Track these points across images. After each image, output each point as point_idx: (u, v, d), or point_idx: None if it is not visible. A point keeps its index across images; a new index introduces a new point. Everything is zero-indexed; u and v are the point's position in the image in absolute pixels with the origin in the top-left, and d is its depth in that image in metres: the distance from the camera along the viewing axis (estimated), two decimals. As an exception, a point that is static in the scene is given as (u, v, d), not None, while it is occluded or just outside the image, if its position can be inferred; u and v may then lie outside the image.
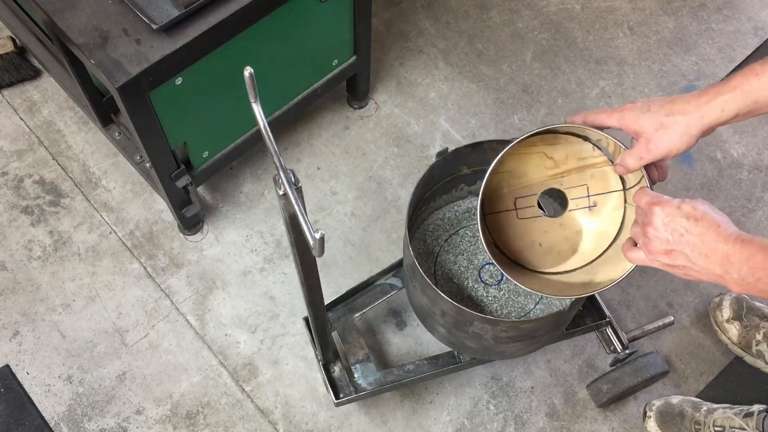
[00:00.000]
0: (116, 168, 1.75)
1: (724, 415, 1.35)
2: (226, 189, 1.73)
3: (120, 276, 1.62)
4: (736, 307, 1.51)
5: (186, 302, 1.59)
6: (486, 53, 1.95)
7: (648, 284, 1.62)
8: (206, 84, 1.30)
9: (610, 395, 1.41)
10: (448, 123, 1.82)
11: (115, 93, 1.14)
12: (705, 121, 0.87)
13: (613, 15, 2.03)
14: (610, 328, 1.41)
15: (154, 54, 1.14)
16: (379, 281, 1.44)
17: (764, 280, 0.78)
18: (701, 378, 1.52)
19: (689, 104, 0.87)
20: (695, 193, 1.73)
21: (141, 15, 1.15)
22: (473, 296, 1.32)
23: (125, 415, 1.47)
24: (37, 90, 1.86)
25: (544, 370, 1.53)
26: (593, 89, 1.90)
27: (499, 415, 1.48)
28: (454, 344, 1.29)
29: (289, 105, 1.57)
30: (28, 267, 1.62)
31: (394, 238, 1.67)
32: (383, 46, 1.95)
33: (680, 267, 0.85)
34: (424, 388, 1.50)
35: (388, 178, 1.75)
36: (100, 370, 1.51)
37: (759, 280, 0.78)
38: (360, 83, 1.74)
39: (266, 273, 1.62)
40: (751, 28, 2.00)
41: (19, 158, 1.76)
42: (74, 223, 1.68)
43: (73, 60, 1.37)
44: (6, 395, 1.48)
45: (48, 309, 1.58)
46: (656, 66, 1.94)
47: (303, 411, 1.48)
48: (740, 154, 1.80)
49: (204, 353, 1.53)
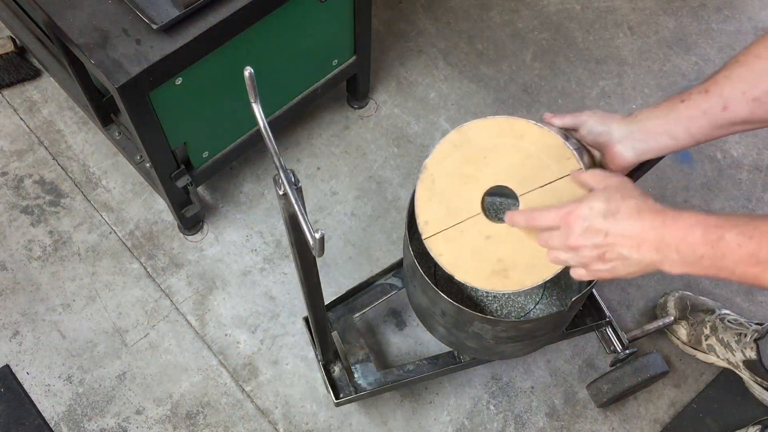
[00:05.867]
0: (116, 168, 1.75)
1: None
2: (226, 189, 1.73)
3: (120, 276, 1.62)
4: (681, 306, 1.50)
5: (186, 302, 1.59)
6: (486, 53, 1.95)
7: (648, 284, 1.62)
8: (206, 84, 1.30)
9: (610, 395, 1.41)
10: (448, 123, 1.82)
11: (115, 93, 1.14)
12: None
13: (613, 15, 2.03)
14: (610, 328, 1.41)
15: (154, 54, 1.14)
16: (379, 281, 1.44)
17: (709, 256, 0.72)
18: (701, 378, 1.52)
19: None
20: (695, 193, 1.73)
21: (141, 15, 1.15)
22: (473, 296, 1.32)
23: (125, 415, 1.47)
24: (37, 90, 1.86)
25: (544, 370, 1.53)
26: (593, 89, 1.90)
27: (499, 415, 1.48)
28: (454, 344, 1.29)
29: (289, 105, 1.57)
30: (28, 267, 1.62)
31: (394, 238, 1.67)
32: (383, 46, 1.95)
33: (619, 268, 0.81)
34: (424, 388, 1.50)
35: (388, 178, 1.75)
36: (100, 370, 1.51)
37: (703, 258, 0.73)
38: (360, 83, 1.74)
39: (266, 273, 1.62)
40: (751, 28, 2.00)
41: (19, 158, 1.76)
42: (74, 223, 1.68)
43: (73, 60, 1.37)
44: (6, 395, 1.48)
45: (48, 309, 1.58)
46: (656, 66, 1.94)
47: (303, 411, 1.48)
48: (740, 154, 1.80)
49: (204, 353, 1.53)
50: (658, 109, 0.89)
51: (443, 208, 1.01)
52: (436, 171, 1.01)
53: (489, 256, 0.99)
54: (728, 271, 0.72)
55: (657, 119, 0.89)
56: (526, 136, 0.98)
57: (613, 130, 0.93)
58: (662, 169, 1.76)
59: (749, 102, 0.82)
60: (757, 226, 0.70)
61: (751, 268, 0.70)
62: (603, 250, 0.80)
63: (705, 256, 0.72)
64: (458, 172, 1.00)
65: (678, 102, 0.87)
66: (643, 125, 0.91)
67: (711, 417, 1.48)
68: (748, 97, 0.82)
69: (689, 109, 0.86)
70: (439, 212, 1.01)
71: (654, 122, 0.89)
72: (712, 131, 0.86)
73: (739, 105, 0.82)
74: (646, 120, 0.90)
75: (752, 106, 0.82)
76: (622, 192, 0.81)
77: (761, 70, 0.81)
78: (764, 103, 0.81)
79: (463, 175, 1.00)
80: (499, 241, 0.99)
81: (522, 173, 0.98)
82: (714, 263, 0.72)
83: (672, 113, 0.88)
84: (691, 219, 0.74)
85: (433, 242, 1.02)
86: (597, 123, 0.95)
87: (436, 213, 1.01)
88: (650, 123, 0.90)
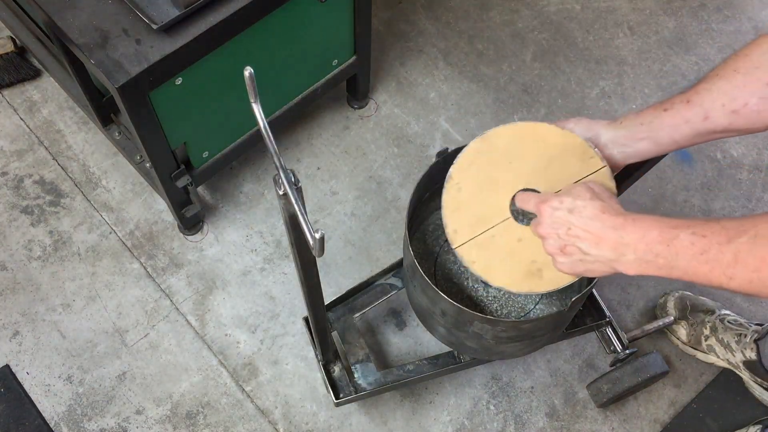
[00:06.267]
0: (116, 168, 1.75)
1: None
2: (226, 189, 1.73)
3: (120, 276, 1.62)
4: (680, 306, 1.51)
5: (186, 302, 1.59)
6: (486, 53, 1.95)
7: (648, 284, 1.62)
8: (206, 84, 1.30)
9: (610, 395, 1.41)
10: (448, 123, 1.82)
11: (115, 93, 1.14)
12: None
13: (613, 15, 2.03)
14: (610, 328, 1.41)
15: (154, 54, 1.14)
16: (379, 281, 1.44)
17: (664, 255, 0.75)
18: (701, 378, 1.52)
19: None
20: (695, 193, 1.73)
21: (141, 15, 1.15)
22: (473, 296, 1.32)
23: (125, 415, 1.47)
24: (37, 90, 1.86)
25: (544, 370, 1.53)
26: (593, 89, 1.90)
27: (499, 415, 1.48)
28: (454, 344, 1.29)
29: (289, 105, 1.57)
30: (28, 267, 1.62)
31: (394, 238, 1.67)
32: (383, 46, 1.95)
33: (578, 264, 0.85)
34: (424, 388, 1.50)
35: (388, 178, 1.75)
36: (100, 370, 1.51)
37: (658, 256, 0.76)
38: (360, 83, 1.74)
39: (266, 273, 1.62)
40: (751, 28, 2.00)
41: (19, 158, 1.76)
42: (74, 223, 1.68)
43: (73, 60, 1.37)
44: (6, 395, 1.48)
45: (48, 309, 1.58)
46: (656, 66, 1.94)
47: (303, 411, 1.48)
48: (740, 154, 1.80)
49: (204, 353, 1.53)
50: (642, 116, 0.93)
51: (471, 215, 1.02)
52: (461, 179, 1.02)
53: (522, 258, 1.01)
54: (681, 270, 0.75)
55: (641, 126, 0.93)
56: (548, 139, 0.99)
57: (600, 135, 0.98)
58: (662, 169, 1.76)
59: (728, 114, 0.86)
60: (711, 227, 0.73)
61: (702, 266, 0.73)
62: (564, 242, 0.85)
63: (660, 254, 0.76)
64: (484, 178, 1.01)
65: (661, 110, 0.91)
66: (629, 131, 0.95)
67: (711, 417, 1.48)
68: (728, 110, 0.86)
69: (672, 118, 0.90)
70: (468, 220, 1.02)
71: (639, 129, 0.94)
72: (693, 138, 0.90)
73: (719, 116, 0.86)
74: (630, 126, 0.95)
75: (731, 118, 0.86)
76: (592, 192, 0.85)
77: (739, 85, 0.85)
78: (742, 115, 0.85)
79: (490, 181, 1.01)
80: (530, 242, 1.00)
81: (548, 175, 1.00)
82: (668, 262, 0.76)
83: (656, 121, 0.92)
84: (650, 221, 0.78)
85: (464, 250, 1.02)
86: (584, 130, 0.99)
87: (464, 221, 1.02)
88: (635, 129, 0.94)
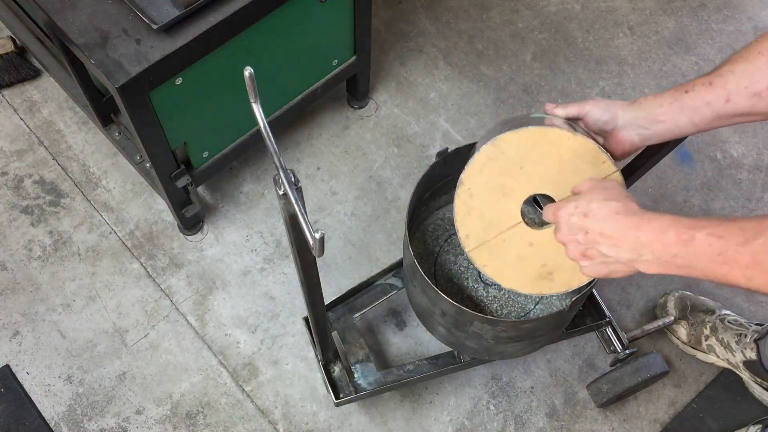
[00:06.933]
0: (116, 168, 1.75)
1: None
2: (226, 189, 1.73)
3: (120, 276, 1.62)
4: (681, 306, 1.51)
5: (186, 302, 1.59)
6: (486, 53, 1.95)
7: (648, 284, 1.62)
8: (206, 84, 1.30)
9: (610, 395, 1.41)
10: (448, 123, 1.82)
11: (115, 93, 1.14)
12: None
13: (613, 15, 2.03)
14: (610, 328, 1.41)
15: (154, 54, 1.14)
16: (379, 281, 1.44)
17: (681, 255, 0.75)
18: (701, 378, 1.52)
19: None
20: (695, 193, 1.73)
21: (141, 15, 1.15)
22: (473, 296, 1.32)
23: (125, 415, 1.47)
24: (37, 90, 1.86)
25: (544, 370, 1.53)
26: (593, 89, 1.90)
27: (499, 415, 1.48)
28: (454, 344, 1.29)
29: (289, 105, 1.57)
30: (28, 267, 1.62)
31: (394, 238, 1.67)
32: (383, 46, 1.95)
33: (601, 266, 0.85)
34: (424, 388, 1.50)
35: (388, 178, 1.75)
36: (100, 370, 1.51)
37: (676, 257, 0.76)
38: (360, 83, 1.74)
39: (266, 273, 1.62)
40: (751, 28, 2.00)
41: (19, 158, 1.76)
42: (74, 223, 1.68)
43: (73, 60, 1.37)
44: (6, 395, 1.48)
45: (48, 309, 1.58)
46: (656, 66, 1.94)
47: (303, 411, 1.48)
48: (740, 154, 1.80)
49: (204, 353, 1.53)
50: (663, 97, 0.93)
51: (483, 220, 1.03)
52: (473, 184, 1.02)
53: (533, 261, 1.03)
54: (699, 270, 0.75)
55: (662, 107, 0.93)
56: (559, 144, 0.99)
57: (618, 116, 0.97)
58: (662, 169, 1.76)
59: (751, 96, 0.86)
60: (727, 227, 0.73)
61: (720, 266, 0.73)
62: (584, 247, 0.85)
63: (678, 255, 0.76)
64: (495, 183, 1.02)
65: (683, 92, 0.91)
66: (648, 113, 0.94)
67: (711, 417, 1.48)
68: (750, 92, 0.85)
69: (693, 100, 0.90)
70: (480, 224, 1.04)
71: (659, 110, 0.93)
72: (714, 121, 0.90)
73: (741, 99, 0.86)
74: (651, 107, 0.94)
75: (753, 101, 0.86)
76: (606, 194, 0.85)
77: (763, 67, 0.85)
78: (765, 98, 0.85)
79: (501, 186, 1.02)
80: (541, 246, 1.02)
81: (559, 180, 1.00)
82: (686, 262, 0.76)
83: (677, 102, 0.91)
84: (666, 221, 0.77)
85: (476, 254, 1.05)
86: (602, 111, 0.98)
87: (476, 225, 1.04)
88: (655, 110, 0.93)
